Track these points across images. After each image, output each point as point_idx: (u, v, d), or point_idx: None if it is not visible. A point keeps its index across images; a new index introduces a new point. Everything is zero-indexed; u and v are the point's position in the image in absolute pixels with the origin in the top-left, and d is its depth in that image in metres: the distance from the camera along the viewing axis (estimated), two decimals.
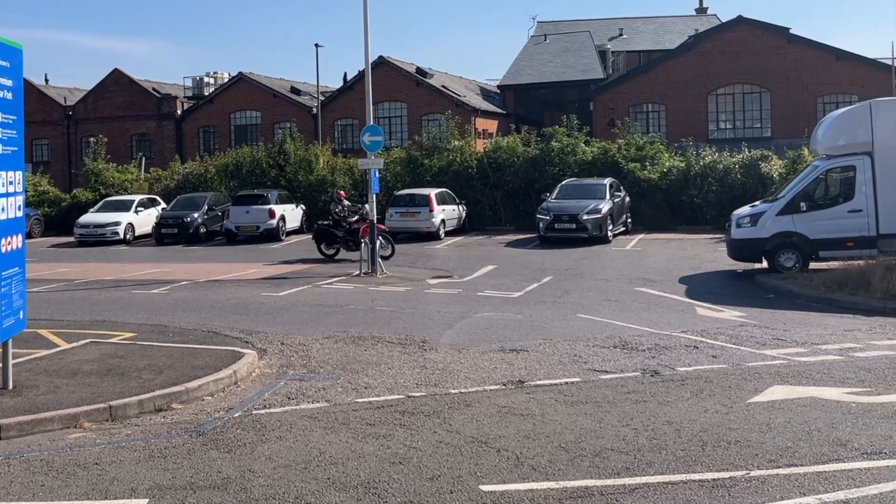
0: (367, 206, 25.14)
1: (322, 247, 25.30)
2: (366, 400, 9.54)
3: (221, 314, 15.60)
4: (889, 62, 40.99)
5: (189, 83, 57.32)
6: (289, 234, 33.00)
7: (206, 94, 54.92)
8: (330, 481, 6.96)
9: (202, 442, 8.11)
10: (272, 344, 12.68)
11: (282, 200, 33.15)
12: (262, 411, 9.18)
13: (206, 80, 56.90)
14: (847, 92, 41.81)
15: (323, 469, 7.26)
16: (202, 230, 32.67)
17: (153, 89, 54.63)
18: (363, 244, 22.40)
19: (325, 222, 25.46)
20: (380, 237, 23.26)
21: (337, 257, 24.94)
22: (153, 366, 10.91)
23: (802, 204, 19.29)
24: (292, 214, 33.68)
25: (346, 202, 25.52)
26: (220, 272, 22.43)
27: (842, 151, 19.53)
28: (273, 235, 31.73)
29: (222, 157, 39.72)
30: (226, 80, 55.43)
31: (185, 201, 34.14)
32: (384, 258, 23.04)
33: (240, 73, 53.26)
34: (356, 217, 24.46)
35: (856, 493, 6.49)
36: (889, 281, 15.76)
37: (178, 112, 53.48)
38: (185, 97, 55.67)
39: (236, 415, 9.06)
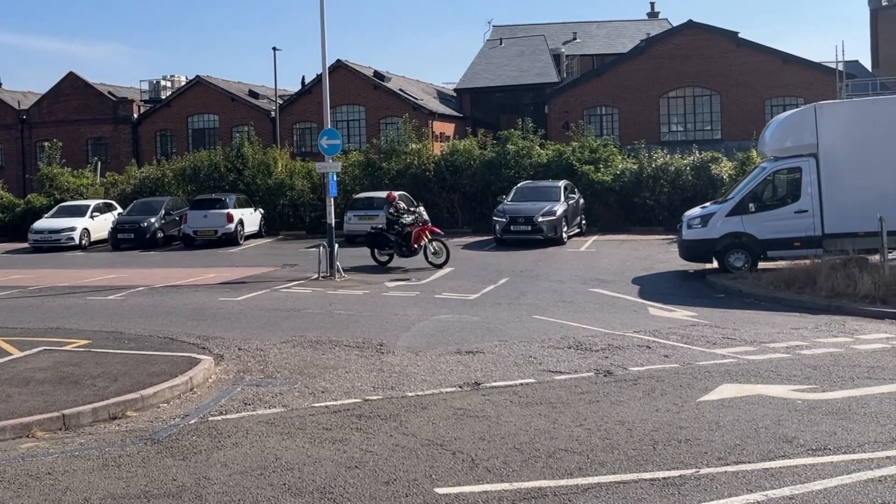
0: (422, 207, 23.73)
1: (375, 253, 23.31)
2: (323, 404, 9.57)
3: (178, 320, 15.51)
4: (833, 66, 41.87)
5: (146, 86, 56.86)
6: (247, 238, 32.86)
7: (163, 97, 54.49)
8: (286, 487, 6.99)
9: (157, 450, 8.09)
10: (229, 349, 12.64)
11: (240, 204, 33.00)
12: (219, 417, 9.17)
13: (162, 83, 56.46)
14: (793, 95, 42.64)
15: (279, 475, 7.29)
16: (159, 235, 32.42)
17: (109, 93, 54.02)
18: (418, 249, 21.45)
19: (379, 226, 23.84)
20: (434, 241, 22.41)
21: (391, 265, 23.12)
22: (108, 373, 10.84)
23: (751, 205, 19.64)
24: (251, 218, 33.52)
25: (400, 204, 23.79)
26: (177, 277, 22.27)
27: (788, 153, 19.91)
28: (231, 240, 31.57)
29: (179, 161, 39.44)
30: (183, 83, 55.01)
31: (141, 206, 33.82)
32: (437, 266, 22.03)
33: (197, 76, 52.89)
34: (410, 220, 22.81)
35: (801, 489, 6.63)
36: (834, 279, 16.11)
37: (135, 116, 52.97)
38: (141, 101, 55.18)
39: (192, 422, 9.04)
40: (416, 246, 22.07)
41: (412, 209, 23.63)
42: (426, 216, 23.21)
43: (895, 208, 17.71)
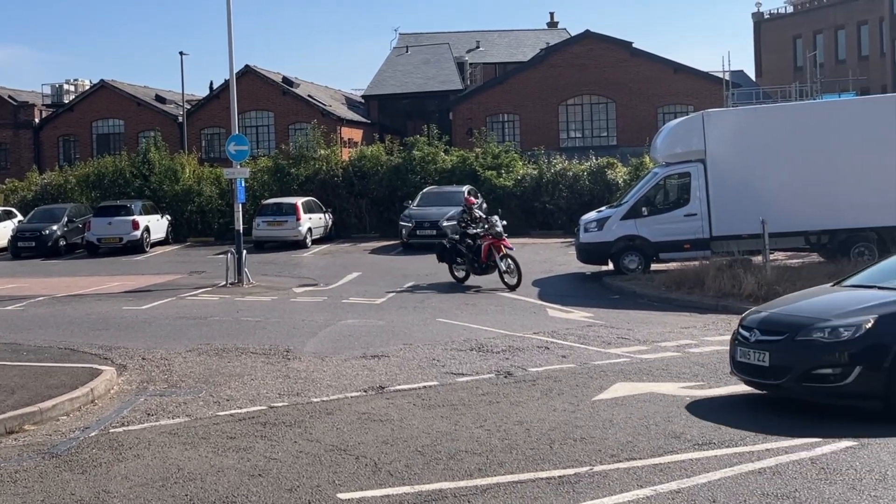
0: (496, 217, 19.94)
1: (453, 269, 20.21)
2: (227, 413, 9.58)
3: (80, 330, 15.24)
4: (720, 75, 43.66)
5: (48, 91, 55.01)
6: (154, 245, 32.20)
7: (67, 101, 52.89)
8: (188, 498, 7.00)
9: (55, 464, 7.98)
10: (132, 359, 12.51)
11: (146, 211, 32.37)
12: (120, 429, 9.08)
13: (66, 87, 54.77)
14: (684, 102, 44.14)
15: (181, 486, 7.27)
16: (62, 243, 31.55)
17: (9, 97, 52.16)
18: (491, 266, 19.03)
19: (454, 236, 20.79)
20: (507, 258, 19.11)
21: (468, 282, 19.99)
22: (4, 386, 10.61)
23: (644, 209, 20.32)
24: (157, 225, 32.92)
25: (476, 212, 20.42)
26: (80, 286, 21.79)
27: (678, 159, 20.66)
28: (137, 247, 30.92)
29: (83, 166, 38.44)
30: (87, 87, 53.51)
31: (43, 213, 32.87)
32: (511, 287, 18.82)
33: (101, 80, 51.47)
34: (477, 230, 19.68)
35: (687, 482, 6.94)
36: (721, 280, 16.79)
37: (36, 120, 51.26)
38: (43, 105, 53.41)
39: (92, 434, 8.94)
40: (486, 263, 19.28)
41: (484, 217, 20.20)
42: (499, 227, 19.37)
43: (776, 211, 18.58)
